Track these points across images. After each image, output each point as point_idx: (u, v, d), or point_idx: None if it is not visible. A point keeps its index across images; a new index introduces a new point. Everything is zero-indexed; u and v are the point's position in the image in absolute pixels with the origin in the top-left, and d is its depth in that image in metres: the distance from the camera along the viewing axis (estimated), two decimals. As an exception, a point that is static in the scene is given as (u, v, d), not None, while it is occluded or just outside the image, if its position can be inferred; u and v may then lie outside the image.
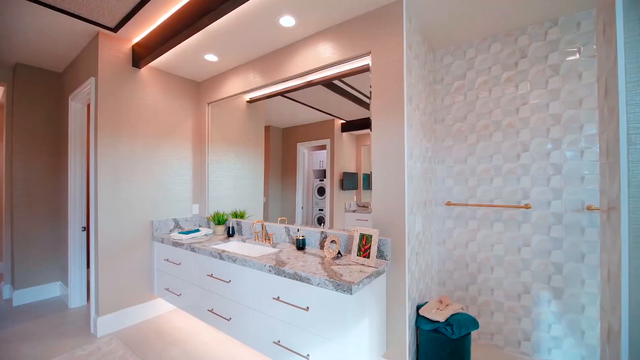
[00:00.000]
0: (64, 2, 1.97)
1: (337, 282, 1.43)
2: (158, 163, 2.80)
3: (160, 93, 2.83)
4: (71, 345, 2.31)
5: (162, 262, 2.64)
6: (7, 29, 2.37)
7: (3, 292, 3.27)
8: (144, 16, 2.18)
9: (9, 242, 3.22)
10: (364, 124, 2.21)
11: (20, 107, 3.13)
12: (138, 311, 2.66)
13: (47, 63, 3.09)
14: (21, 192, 3.12)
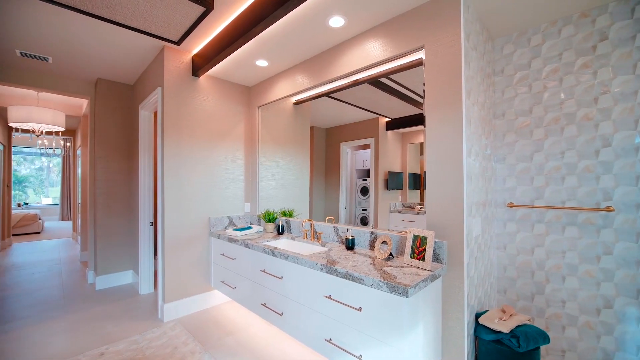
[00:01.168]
0: (138, 22, 2.21)
1: (392, 284, 1.40)
2: (214, 164, 3.01)
3: (215, 99, 3.04)
4: (142, 328, 2.58)
5: (218, 256, 2.83)
6: (91, 49, 2.74)
7: (88, 278, 3.78)
8: (202, 29, 2.36)
9: (92, 234, 3.71)
10: (411, 121, 2.13)
11: (100, 116, 3.59)
12: (197, 301, 2.89)
13: (122, 77, 3.49)
14: (102, 191, 3.58)
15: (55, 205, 11.41)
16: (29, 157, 11.92)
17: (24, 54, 2.83)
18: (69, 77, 3.50)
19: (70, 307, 3.02)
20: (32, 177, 12.20)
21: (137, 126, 3.45)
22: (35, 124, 3.90)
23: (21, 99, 4.31)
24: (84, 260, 4.80)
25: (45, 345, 2.31)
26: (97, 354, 2.18)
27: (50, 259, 5.06)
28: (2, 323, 2.69)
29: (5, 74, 3.17)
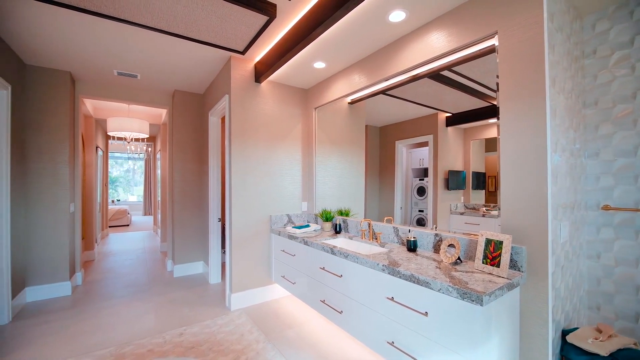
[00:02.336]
0: (210, 37, 2.44)
1: (463, 290, 1.31)
2: (274, 165, 3.17)
3: (275, 103, 3.20)
4: (213, 314, 2.84)
5: (278, 252, 2.97)
6: (171, 65, 3.10)
7: (167, 266, 4.29)
8: (264, 37, 2.50)
9: (170, 228, 4.20)
10: (476, 116, 1.97)
11: (177, 124, 4.05)
12: (259, 293, 3.07)
13: (194, 87, 3.89)
14: (179, 190, 4.03)
15: (139, 202, 13.19)
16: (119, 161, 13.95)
17: (120, 73, 3.34)
18: (152, 91, 4.02)
19: (154, 291, 3.46)
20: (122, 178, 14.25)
21: (207, 131, 3.81)
22: (127, 133, 4.56)
23: (115, 111, 5.09)
24: (164, 251, 5.47)
25: (136, 322, 2.69)
26: (177, 333, 2.46)
27: (137, 248, 5.87)
28: (105, 300, 3.21)
29: (106, 90, 3.77)
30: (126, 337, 2.43)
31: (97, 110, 5.02)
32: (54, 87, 3.26)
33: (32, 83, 3.17)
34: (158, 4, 1.99)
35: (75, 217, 3.61)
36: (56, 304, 3.11)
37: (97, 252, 5.46)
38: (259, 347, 2.24)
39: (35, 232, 3.20)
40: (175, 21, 2.21)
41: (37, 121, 3.19)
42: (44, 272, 3.24)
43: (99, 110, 5.04)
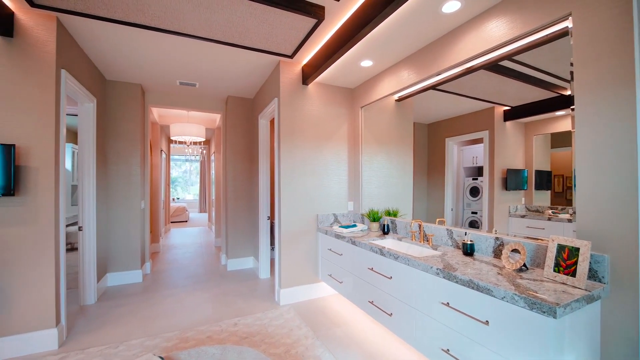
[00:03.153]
0: (262, 44, 2.56)
1: (532, 299, 1.20)
2: (321, 165, 3.21)
3: (322, 104, 3.24)
4: (264, 307, 2.97)
5: (325, 251, 3.01)
6: (225, 73, 3.32)
7: (221, 260, 4.61)
8: (311, 40, 2.55)
9: (224, 224, 4.50)
10: (540, 108, 1.78)
11: (230, 128, 4.32)
12: (306, 290, 3.14)
13: (245, 92, 4.11)
14: (231, 189, 4.30)
15: (195, 200, 14.34)
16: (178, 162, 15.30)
17: (182, 83, 3.67)
18: (208, 98, 4.35)
19: (211, 282, 3.74)
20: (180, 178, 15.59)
21: (257, 133, 4.00)
22: (187, 137, 5.00)
23: (176, 117, 5.61)
24: (218, 246, 5.88)
25: (196, 310, 2.93)
26: (232, 323, 2.63)
27: (194, 243, 6.40)
28: (169, 288, 3.55)
29: (169, 99, 4.17)
30: (188, 323, 2.66)
31: (161, 117, 5.59)
32: (128, 99, 3.71)
33: (111, 96, 3.64)
34: (216, 17, 2.15)
35: (144, 213, 4.06)
36: (130, 289, 3.53)
37: (162, 244, 6.06)
38: (308, 343, 2.29)
39: (114, 226, 3.66)
40: (230, 31, 2.36)
41: (114, 129, 3.65)
42: (120, 261, 3.70)
43: (163, 117, 5.60)
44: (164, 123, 5.78)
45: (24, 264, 2.16)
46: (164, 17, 2.16)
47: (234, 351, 1.52)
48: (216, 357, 1.47)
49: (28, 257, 2.17)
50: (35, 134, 2.18)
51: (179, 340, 2.35)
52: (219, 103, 4.46)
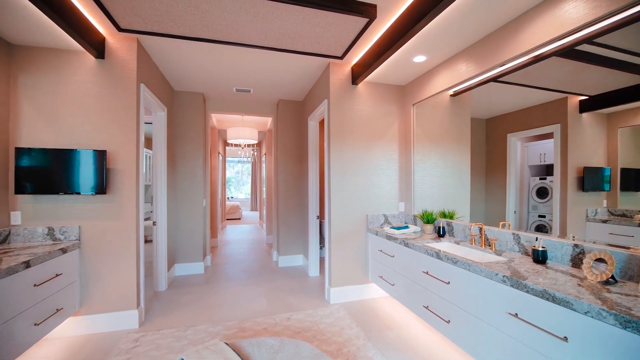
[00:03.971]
0: (313, 47, 2.63)
1: (626, 317, 1.04)
2: (370, 164, 3.18)
3: (371, 103, 3.21)
4: (314, 305, 3.04)
5: (376, 252, 2.97)
6: (277, 78, 3.46)
7: (273, 256, 4.83)
8: (361, 39, 2.53)
9: (275, 223, 4.71)
10: (630, 95, 1.54)
11: (280, 130, 4.50)
12: (356, 291, 3.13)
13: (295, 95, 4.25)
14: (282, 189, 4.48)
15: (247, 199, 15.21)
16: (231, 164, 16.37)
17: (238, 90, 3.93)
18: (261, 102, 4.59)
19: (264, 277, 3.94)
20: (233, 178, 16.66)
21: (306, 135, 4.11)
22: (242, 140, 5.34)
23: (232, 122, 6.01)
24: (269, 243, 6.16)
25: (252, 302, 3.11)
26: (285, 317, 2.74)
27: (247, 239, 6.79)
28: (227, 281, 3.82)
29: (227, 105, 4.49)
30: (245, 314, 2.84)
31: (219, 122, 6.04)
32: (192, 106, 4.09)
33: (178, 104, 4.04)
34: (271, 26, 2.27)
35: (206, 211, 4.43)
36: (194, 279, 3.88)
37: (219, 240, 6.55)
38: (359, 344, 2.29)
39: (181, 221, 4.06)
40: (283, 38, 2.46)
41: (181, 134, 4.05)
42: (185, 253, 4.09)
43: (220, 122, 6.05)
44: (221, 127, 6.24)
45: (113, 253, 2.52)
46: (225, 30, 2.34)
47: (291, 344, 1.58)
48: (275, 348, 1.55)
49: (116, 248, 2.52)
50: (120, 141, 2.53)
51: (238, 329, 2.53)
52: (271, 107, 4.68)
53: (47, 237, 2.38)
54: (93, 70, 2.49)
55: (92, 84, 2.48)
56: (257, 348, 1.56)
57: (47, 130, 2.41)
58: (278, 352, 1.54)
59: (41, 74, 2.40)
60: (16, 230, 2.33)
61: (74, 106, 2.45)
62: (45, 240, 2.38)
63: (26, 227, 2.36)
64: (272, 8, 2.03)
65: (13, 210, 2.36)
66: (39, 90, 2.40)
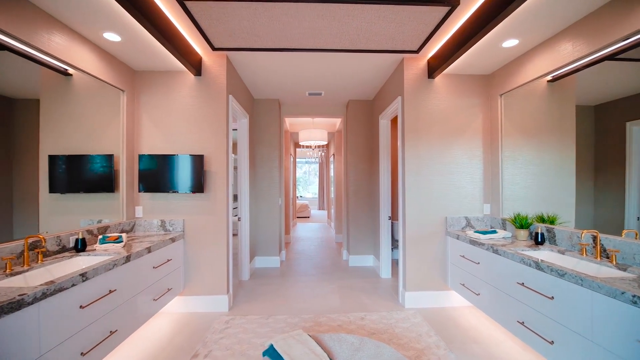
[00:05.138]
0: (387, 44, 2.57)
1: None
2: (449, 163, 2.97)
3: (450, 96, 2.99)
4: (387, 307, 2.98)
5: (457, 257, 2.76)
6: (347, 79, 3.49)
7: (343, 255, 4.89)
8: (440, 31, 2.37)
9: (345, 222, 4.76)
10: None
11: (350, 130, 4.53)
12: (433, 297, 2.96)
13: (364, 95, 4.23)
14: (352, 189, 4.51)
15: (314, 198, 15.73)
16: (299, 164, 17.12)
17: (310, 94, 4.09)
18: (331, 104, 4.70)
19: (335, 275, 4.02)
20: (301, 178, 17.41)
21: (377, 134, 4.05)
22: (312, 141, 5.56)
23: (303, 125, 6.29)
24: (339, 242, 6.27)
25: (326, 298, 3.21)
26: (359, 317, 2.75)
27: (316, 237, 7.02)
28: (301, 275, 4.02)
29: (299, 109, 4.73)
30: (320, 309, 2.94)
31: (291, 125, 6.39)
32: (269, 112, 4.42)
33: (257, 111, 4.41)
34: (347, 28, 2.30)
35: (281, 209, 4.73)
36: (271, 272, 4.19)
37: (291, 236, 6.93)
38: (440, 353, 2.15)
39: (260, 218, 4.43)
40: (358, 38, 2.47)
41: (260, 138, 4.41)
42: (264, 247, 4.44)
43: (292, 125, 6.40)
44: (293, 130, 6.59)
45: (209, 243, 2.88)
46: (303, 38, 2.47)
47: (371, 344, 1.58)
48: (355, 346, 1.57)
49: (211, 239, 2.88)
50: (214, 146, 2.88)
51: (314, 323, 2.64)
52: (341, 108, 4.74)
53: (160, 228, 2.87)
54: (192, 86, 2.90)
55: (191, 98, 2.89)
56: (338, 343, 1.60)
57: (160, 139, 2.89)
58: (358, 351, 1.56)
59: (155, 93, 2.90)
60: (139, 222, 2.87)
61: (178, 118, 2.89)
62: (159, 231, 2.87)
63: (145, 219, 2.87)
64: (348, 10, 2.06)
65: (137, 206, 2.90)
66: (154, 106, 2.90)
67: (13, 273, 1.60)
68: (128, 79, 2.79)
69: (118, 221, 2.66)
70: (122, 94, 2.72)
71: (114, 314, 1.84)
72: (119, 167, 2.70)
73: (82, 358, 1.57)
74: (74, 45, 2.14)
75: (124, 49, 2.46)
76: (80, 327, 1.57)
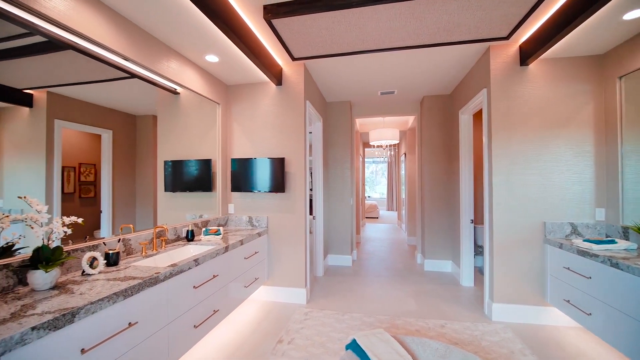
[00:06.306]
0: (470, 34, 2.39)
1: None
2: (548, 160, 2.59)
3: (549, 84, 2.61)
4: (471, 318, 2.75)
5: (559, 269, 2.39)
6: (422, 73, 3.34)
7: (417, 259, 4.69)
8: (538, 11, 2.09)
9: (420, 224, 4.55)
10: None
11: (425, 127, 4.32)
12: (527, 312, 2.62)
13: (441, 90, 3.98)
14: (428, 189, 4.29)
15: (381, 198, 15.39)
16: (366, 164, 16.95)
17: (383, 93, 4.05)
18: (404, 102, 4.56)
19: (410, 279, 3.89)
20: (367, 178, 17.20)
21: (456, 131, 3.77)
22: (383, 141, 5.48)
23: (373, 124, 6.24)
24: (411, 244, 6.03)
25: (401, 301, 3.13)
26: (439, 324, 2.61)
27: (386, 238, 6.87)
28: (373, 276, 4.00)
29: (370, 109, 4.71)
30: (395, 311, 2.89)
31: (361, 126, 6.41)
32: (341, 114, 4.52)
33: (330, 114, 4.56)
34: (425, 23, 2.22)
35: (352, 208, 4.79)
36: (343, 270, 4.28)
37: (361, 236, 6.94)
38: (540, 376, 1.91)
39: (332, 217, 4.57)
40: (438, 32, 2.36)
41: (333, 140, 4.55)
42: (336, 245, 4.56)
43: (361, 126, 6.41)
44: (362, 130, 6.59)
45: (289, 239, 3.11)
46: (379, 39, 2.47)
47: (458, 353, 1.50)
48: (440, 352, 1.51)
49: (290, 235, 3.11)
50: (293, 149, 3.10)
51: (390, 325, 2.61)
52: (414, 105, 4.56)
53: (248, 224, 3.22)
54: (274, 95, 3.17)
55: (273, 106, 3.16)
56: (421, 347, 1.57)
57: (247, 144, 3.24)
58: (444, 358, 1.50)
59: (243, 103, 3.26)
60: (231, 217, 3.27)
61: (262, 125, 3.20)
62: (247, 226, 3.22)
63: (236, 215, 3.26)
64: (428, 5, 1.99)
65: (229, 203, 3.31)
66: (242, 116, 3.26)
67: (147, 255, 2.01)
68: (222, 93, 3.20)
69: (215, 216, 3.08)
70: (217, 106, 3.14)
71: (216, 296, 2.15)
72: (216, 169, 3.12)
73: (194, 330, 1.88)
74: (184, 68, 2.57)
75: (220, 68, 2.84)
76: (193, 304, 1.88)
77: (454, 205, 3.92)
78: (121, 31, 1.92)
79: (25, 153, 1.52)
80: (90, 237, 1.83)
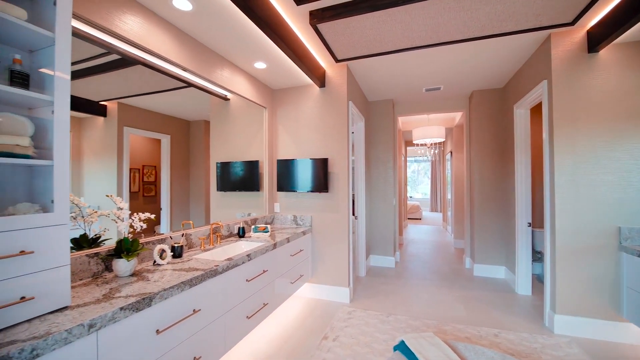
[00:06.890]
0: (526, 23, 2.22)
1: None
2: (624, 158, 2.30)
3: (623, 71, 2.31)
4: (529, 329, 2.54)
5: (638, 281, 2.11)
6: (471, 67, 3.16)
7: (465, 263, 4.45)
8: (612, -12, 1.87)
9: (468, 227, 4.31)
10: None
11: (474, 124, 4.07)
12: (597, 326, 2.35)
13: (492, 83, 3.72)
14: (478, 190, 4.05)
15: (424, 199, 14.77)
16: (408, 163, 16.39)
17: (427, 90, 3.91)
18: (450, 98, 4.35)
19: (457, 284, 3.70)
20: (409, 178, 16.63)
21: (510, 126, 3.51)
22: (428, 139, 5.28)
23: (416, 122, 6.04)
24: (458, 247, 5.73)
25: (449, 306, 3.00)
26: (492, 333, 2.46)
27: (430, 240, 6.59)
28: (418, 279, 3.88)
29: (414, 107, 4.57)
30: (442, 316, 2.79)
31: (403, 124, 6.24)
32: (383, 113, 4.46)
33: (372, 113, 4.52)
34: (477, 15, 2.11)
35: (395, 209, 4.70)
36: (386, 271, 4.21)
37: (403, 238, 6.76)
38: (614, 398, 1.71)
39: (375, 217, 4.52)
40: (490, 22, 2.23)
41: (375, 139, 4.50)
42: (378, 246, 4.51)
43: (404, 124, 6.24)
44: (405, 129, 6.41)
45: (332, 238, 3.16)
46: (425, 35, 2.40)
47: (517, 364, 1.41)
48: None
49: (334, 234, 3.15)
50: (336, 150, 3.14)
51: (437, 330, 2.52)
52: (462, 100, 4.33)
53: (292, 222, 3.33)
54: (317, 97, 3.24)
55: (317, 108, 3.23)
56: (475, 355, 1.51)
57: (292, 146, 3.36)
58: (500, 368, 1.42)
59: (287, 106, 3.38)
60: (277, 216, 3.41)
61: (306, 126, 3.28)
62: (291, 225, 3.33)
63: (282, 214, 3.39)
64: (480, -4, 1.90)
65: (275, 202, 3.46)
66: (287, 118, 3.38)
67: (205, 250, 2.20)
68: (268, 97, 3.36)
69: (262, 215, 3.24)
70: (264, 110, 3.30)
71: (265, 290, 2.27)
72: (263, 170, 3.28)
73: (247, 320, 2.01)
74: (235, 76, 2.75)
75: (267, 74, 2.98)
76: (245, 296, 2.01)
77: (508, 207, 3.65)
78: (184, 46, 2.13)
79: (101, 157, 1.75)
80: (152, 233, 2.05)
